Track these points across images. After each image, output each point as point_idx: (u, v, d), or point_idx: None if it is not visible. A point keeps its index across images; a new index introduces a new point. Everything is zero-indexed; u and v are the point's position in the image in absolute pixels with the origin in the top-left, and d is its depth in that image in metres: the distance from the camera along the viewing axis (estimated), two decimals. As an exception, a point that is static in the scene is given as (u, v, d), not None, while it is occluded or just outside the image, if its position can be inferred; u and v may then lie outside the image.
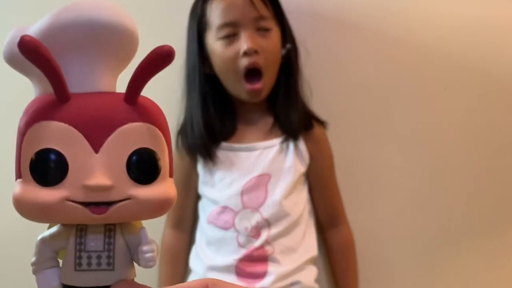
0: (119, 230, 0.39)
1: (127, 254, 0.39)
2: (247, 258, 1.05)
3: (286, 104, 1.10)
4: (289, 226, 1.06)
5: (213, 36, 1.07)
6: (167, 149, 0.39)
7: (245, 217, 1.06)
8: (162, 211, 0.39)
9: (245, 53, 1.04)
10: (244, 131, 1.12)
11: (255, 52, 1.04)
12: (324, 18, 1.21)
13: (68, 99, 0.37)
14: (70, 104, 0.37)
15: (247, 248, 1.05)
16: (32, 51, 0.34)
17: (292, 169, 1.08)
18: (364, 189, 1.21)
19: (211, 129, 1.09)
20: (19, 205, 0.37)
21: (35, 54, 0.35)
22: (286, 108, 1.10)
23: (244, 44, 1.04)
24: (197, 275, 1.08)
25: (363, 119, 1.21)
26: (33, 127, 0.37)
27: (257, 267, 1.05)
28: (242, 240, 1.06)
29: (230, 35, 1.05)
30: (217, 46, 1.06)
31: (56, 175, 0.36)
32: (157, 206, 0.38)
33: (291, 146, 1.09)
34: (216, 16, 1.06)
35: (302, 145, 1.10)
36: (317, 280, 1.08)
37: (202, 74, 1.09)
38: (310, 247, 1.09)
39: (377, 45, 1.21)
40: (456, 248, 1.20)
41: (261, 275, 1.04)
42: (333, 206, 1.14)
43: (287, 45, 1.11)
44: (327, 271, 1.18)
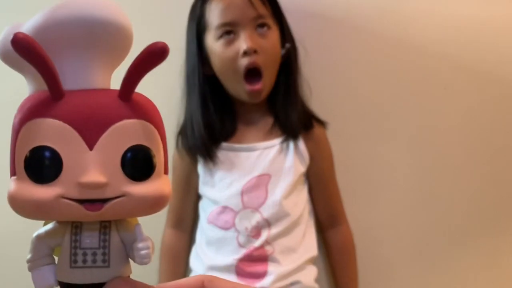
0: (115, 227, 0.39)
1: (122, 251, 0.39)
2: (247, 258, 1.05)
3: (286, 104, 1.10)
4: (289, 226, 1.07)
5: (212, 36, 1.07)
6: (162, 146, 0.39)
7: (245, 217, 1.06)
8: (157, 208, 0.39)
9: (244, 53, 1.04)
10: (244, 131, 1.12)
11: (255, 52, 1.04)
12: (323, 17, 1.21)
13: (62, 96, 0.37)
14: (64, 101, 0.37)
15: (247, 248, 1.05)
16: (25, 48, 0.34)
17: (292, 169, 1.08)
18: (364, 189, 1.21)
19: (211, 130, 1.09)
20: (14, 202, 0.37)
21: (28, 52, 0.35)
22: (286, 108, 1.10)
23: (243, 44, 1.04)
24: (197, 274, 1.08)
25: (363, 119, 1.21)
26: (27, 125, 0.37)
27: (257, 267, 1.05)
28: (242, 240, 1.06)
29: (229, 35, 1.05)
30: (216, 46, 1.06)
31: (50, 172, 0.36)
32: (152, 203, 0.38)
33: (291, 146, 1.09)
34: (215, 16, 1.06)
35: (302, 145, 1.10)
36: (317, 280, 1.08)
37: (201, 74, 1.09)
38: (310, 247, 1.09)
39: (377, 45, 1.21)
40: (456, 248, 1.20)
41: (261, 275, 1.04)
42: (333, 206, 1.15)
43: (287, 45, 1.11)
44: (327, 271, 1.18)
